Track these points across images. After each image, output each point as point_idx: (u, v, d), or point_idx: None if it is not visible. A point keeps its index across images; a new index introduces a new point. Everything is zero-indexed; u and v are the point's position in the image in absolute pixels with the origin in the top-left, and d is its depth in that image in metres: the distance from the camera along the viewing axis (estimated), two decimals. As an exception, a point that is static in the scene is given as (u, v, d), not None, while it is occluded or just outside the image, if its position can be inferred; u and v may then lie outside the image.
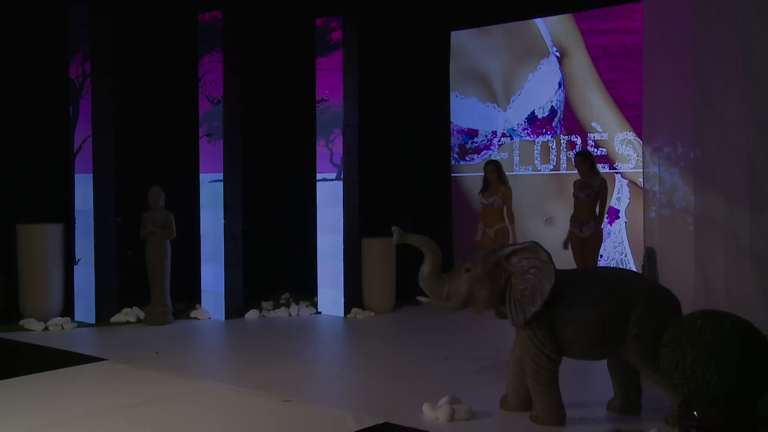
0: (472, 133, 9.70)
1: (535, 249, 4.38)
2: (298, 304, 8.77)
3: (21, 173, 8.41)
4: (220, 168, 8.32)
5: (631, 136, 8.38)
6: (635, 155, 8.33)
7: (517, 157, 9.31)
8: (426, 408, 4.56)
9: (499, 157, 9.43)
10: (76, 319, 8.07)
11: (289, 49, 9.34)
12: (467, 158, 9.73)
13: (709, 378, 3.61)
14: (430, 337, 7.17)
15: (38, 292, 8.05)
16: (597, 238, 7.67)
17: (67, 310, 8.20)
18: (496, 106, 9.48)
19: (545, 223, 9.08)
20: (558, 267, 4.32)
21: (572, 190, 7.83)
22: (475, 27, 9.62)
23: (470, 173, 9.63)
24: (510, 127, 9.37)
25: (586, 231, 7.60)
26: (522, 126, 9.26)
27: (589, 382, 5.31)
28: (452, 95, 9.77)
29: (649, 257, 5.79)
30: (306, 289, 9.38)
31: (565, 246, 7.79)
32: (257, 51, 9.10)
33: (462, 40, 9.75)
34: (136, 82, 8.62)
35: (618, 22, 8.54)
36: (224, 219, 8.28)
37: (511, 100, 9.35)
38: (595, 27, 8.72)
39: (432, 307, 4.54)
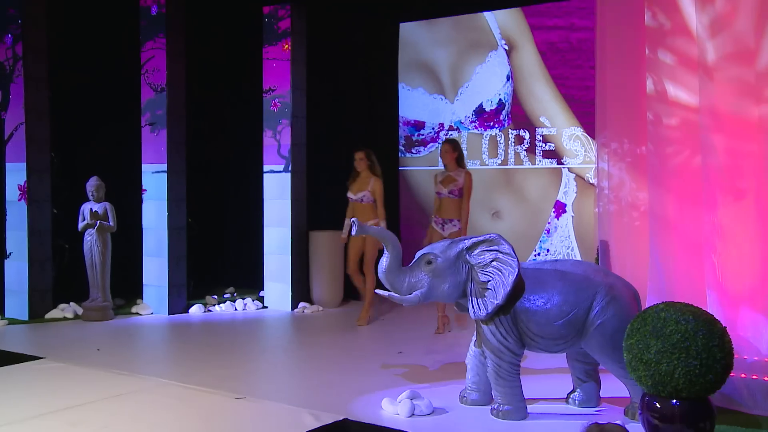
0: (418, 125, 9.64)
1: (497, 241, 4.33)
2: (243, 298, 8.56)
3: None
4: (163, 159, 8.03)
5: (578, 131, 8.45)
6: (583, 150, 8.41)
7: (465, 152, 9.28)
8: (385, 403, 4.46)
9: (447, 151, 9.41)
10: (7, 315, 7.69)
11: (235, 36, 9.10)
12: (413, 150, 9.66)
13: (673, 370, 3.62)
14: (382, 332, 7.08)
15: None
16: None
17: (-3, 306, 7.81)
18: (443, 98, 9.44)
19: (492, 217, 9.09)
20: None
21: (435, 185, 7.02)
22: (424, 19, 9.55)
23: (417, 166, 9.58)
24: (457, 119, 9.34)
25: (448, 229, 6.78)
26: (470, 119, 9.25)
27: (546, 375, 5.30)
28: (399, 86, 9.69)
29: (603, 251, 5.82)
30: (250, 284, 9.19)
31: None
32: (202, 38, 8.85)
33: (410, 31, 9.68)
34: (74, 66, 8.25)
35: (564, 19, 8.59)
36: (168, 211, 8.00)
37: (459, 92, 9.32)
38: (542, 23, 8.76)
39: (393, 301, 4.44)
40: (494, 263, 4.28)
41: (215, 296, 8.81)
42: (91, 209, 7.66)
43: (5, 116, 7.76)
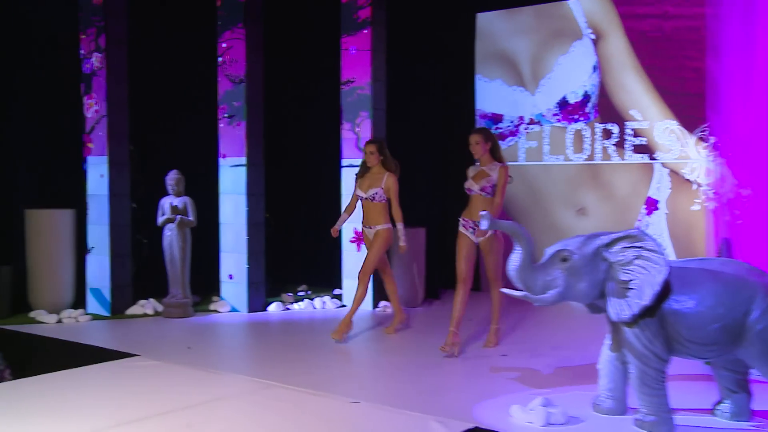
0: (496, 118, 9.31)
1: (640, 237, 4.01)
2: (319, 296, 8.34)
3: (29, 155, 7.86)
4: (241, 152, 7.83)
5: (673, 124, 8.04)
6: (678, 145, 8.00)
7: (547, 146, 8.95)
8: (516, 411, 4.17)
9: (527, 146, 9.08)
10: (89, 311, 7.56)
11: (313, 26, 8.85)
12: (491, 145, 9.31)
13: None
14: (473, 332, 6.78)
15: (48, 283, 7.53)
16: (496, 246, 5.88)
17: (79, 301, 7.68)
18: (523, 89, 9.09)
19: (576, 214, 8.74)
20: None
21: (466, 181, 6.06)
22: (502, 9, 9.22)
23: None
24: (539, 112, 8.99)
25: (481, 234, 5.81)
26: (552, 111, 8.90)
27: (686, 382, 4.96)
28: (476, 78, 9.37)
29: (726, 249, 5.46)
30: (325, 281, 8.96)
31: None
32: (280, 28, 8.61)
33: (487, 21, 9.35)
34: (151, 58, 8.09)
35: (657, 6, 8.19)
36: (247, 206, 7.80)
37: (540, 83, 8.96)
38: (632, 11, 8.37)
39: (527, 300, 4.14)
40: (638, 261, 3.96)
41: (290, 294, 8.59)
42: (171, 204, 7.49)
43: (87, 109, 7.62)
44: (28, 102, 7.90)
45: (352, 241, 8.10)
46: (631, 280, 3.95)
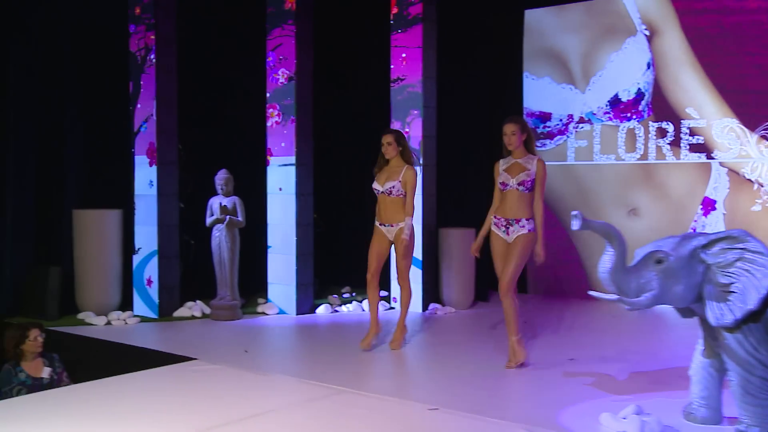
0: (544, 117, 9.12)
1: (742, 238, 3.82)
2: (365, 298, 8.18)
3: (77, 154, 7.77)
4: (290, 151, 7.69)
5: (733, 123, 7.81)
6: (738, 144, 7.78)
7: (598, 145, 8.74)
8: (606, 419, 3.98)
9: (576, 145, 8.88)
10: (136, 313, 7.45)
11: (363, 22, 8.69)
12: (539, 144, 9.08)
13: None
14: (536, 335, 6.59)
15: (96, 284, 7.43)
16: (528, 243, 5.29)
17: (126, 303, 7.57)
18: (573, 87, 8.89)
19: (628, 214, 8.52)
20: None
21: (496, 175, 5.46)
22: (551, 5, 9.03)
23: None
24: (589, 110, 8.79)
25: (515, 232, 5.29)
26: (603, 110, 8.69)
27: None
28: (524, 75, 9.18)
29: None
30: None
31: (477, 251, 5.65)
32: (330, 25, 8.47)
33: (535, 18, 9.16)
34: (200, 56, 7.98)
35: (716, 1, 7.97)
36: (296, 206, 7.66)
37: (591, 81, 8.76)
38: (689, 6, 8.15)
39: (621, 304, 3.95)
40: (739, 263, 3.76)
41: (335, 296, 8.45)
42: (220, 204, 7.37)
43: (137, 107, 7.53)
44: (76, 101, 7.80)
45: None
46: (732, 283, 3.75)
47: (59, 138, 7.66)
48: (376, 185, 5.92)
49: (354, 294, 8.76)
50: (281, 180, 7.72)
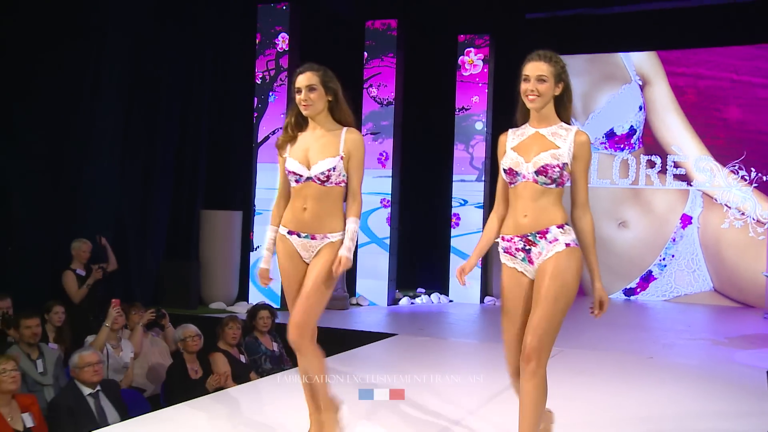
0: (545, 144, 11.07)
1: None
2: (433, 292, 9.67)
3: (206, 161, 8.53)
4: (384, 165, 8.97)
5: (709, 159, 10.23)
6: (712, 175, 10.19)
7: (595, 171, 10.86)
8: None
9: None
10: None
11: (438, 59, 10.11)
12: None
13: None
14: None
15: (220, 277, 8.22)
16: (572, 267, 3.01)
17: (241, 295, 8.42)
18: (574, 120, 10.93)
19: (619, 226, 10.71)
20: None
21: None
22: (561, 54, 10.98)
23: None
24: (587, 141, 10.86)
25: (542, 255, 3.01)
26: (599, 140, 10.82)
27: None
28: (533, 109, 11.07)
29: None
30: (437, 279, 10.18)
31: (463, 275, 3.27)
32: (415, 59, 9.81)
33: (545, 62, 11.09)
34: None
35: (692, 68, 10.37)
36: (390, 212, 8.96)
37: (589, 116, 10.86)
38: (671, 69, 10.47)
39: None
40: None
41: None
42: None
43: (260, 122, 8.42)
44: (206, 112, 8.50)
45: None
46: None
47: (191, 146, 8.33)
48: (293, 165, 3.26)
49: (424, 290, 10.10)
50: (373, 190, 8.99)
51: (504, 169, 3.09)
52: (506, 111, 10.06)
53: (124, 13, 7.32)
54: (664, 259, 10.41)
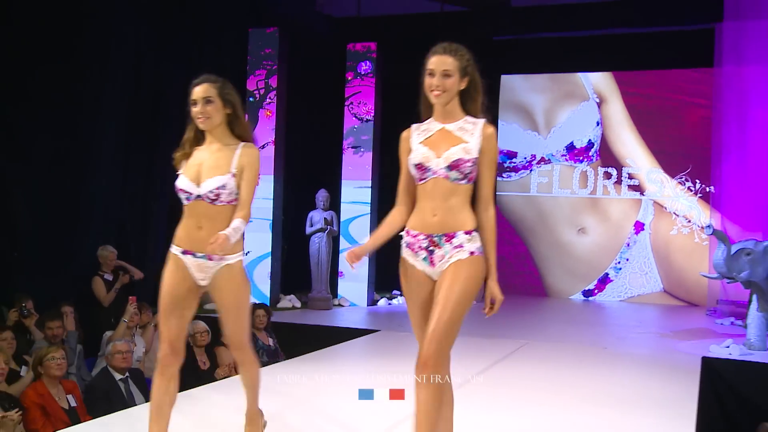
0: (511, 154, 11.93)
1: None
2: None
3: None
4: (365, 176, 9.74)
5: (659, 172, 11.18)
6: (662, 187, 11.14)
7: (557, 181, 11.74)
8: (715, 348, 6.76)
9: (539, 181, 11.80)
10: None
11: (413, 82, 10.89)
12: (504, 175, 11.91)
13: None
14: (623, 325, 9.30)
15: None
16: (474, 275, 2.97)
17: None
18: (537, 133, 11.82)
19: (578, 232, 11.61)
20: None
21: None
22: (523, 74, 11.89)
23: (507, 191, 11.86)
24: (549, 152, 11.76)
25: (444, 259, 2.99)
26: (560, 152, 11.71)
27: None
28: (499, 122, 11.94)
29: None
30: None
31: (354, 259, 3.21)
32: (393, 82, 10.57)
33: (510, 81, 11.98)
34: (298, 99, 9.81)
35: (642, 89, 11.32)
36: (370, 219, 9.73)
37: (551, 130, 11.75)
38: (625, 89, 11.41)
39: (725, 281, 6.83)
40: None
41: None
42: (324, 217, 9.21)
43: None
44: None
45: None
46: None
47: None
48: (182, 182, 3.19)
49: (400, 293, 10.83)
50: (354, 198, 9.74)
51: (414, 165, 3.01)
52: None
53: (126, 34, 7.94)
54: (619, 262, 11.32)
